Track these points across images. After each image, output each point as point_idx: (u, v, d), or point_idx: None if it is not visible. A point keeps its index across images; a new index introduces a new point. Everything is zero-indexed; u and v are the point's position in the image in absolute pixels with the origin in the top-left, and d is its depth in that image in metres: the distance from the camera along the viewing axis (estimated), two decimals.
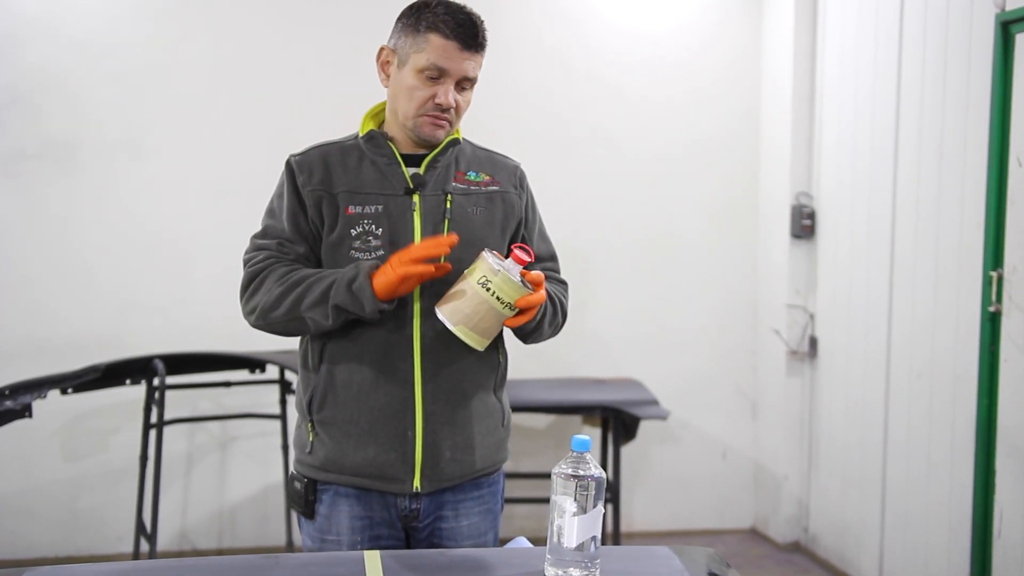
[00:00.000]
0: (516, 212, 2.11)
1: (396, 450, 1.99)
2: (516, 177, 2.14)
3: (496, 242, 2.05)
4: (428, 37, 1.92)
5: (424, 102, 1.95)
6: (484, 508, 2.11)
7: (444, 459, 2.01)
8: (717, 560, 1.82)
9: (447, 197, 2.02)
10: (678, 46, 4.72)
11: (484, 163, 2.11)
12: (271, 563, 1.77)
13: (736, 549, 4.63)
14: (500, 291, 1.84)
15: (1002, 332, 3.30)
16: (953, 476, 3.56)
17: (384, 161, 2.02)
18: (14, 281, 4.20)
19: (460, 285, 1.87)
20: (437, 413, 1.99)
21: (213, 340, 4.24)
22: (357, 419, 1.99)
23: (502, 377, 2.12)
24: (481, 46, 1.96)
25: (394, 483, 2.00)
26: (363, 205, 1.99)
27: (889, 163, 3.93)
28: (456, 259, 1.95)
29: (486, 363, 2.06)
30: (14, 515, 4.24)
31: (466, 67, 1.95)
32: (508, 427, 2.17)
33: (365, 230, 1.98)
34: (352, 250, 1.97)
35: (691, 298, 4.81)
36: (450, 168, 2.05)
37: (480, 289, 1.83)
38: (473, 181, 2.06)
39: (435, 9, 1.94)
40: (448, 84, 1.94)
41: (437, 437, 2.00)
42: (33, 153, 4.18)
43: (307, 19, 4.40)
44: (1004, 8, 3.29)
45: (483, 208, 2.05)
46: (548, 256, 2.20)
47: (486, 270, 1.84)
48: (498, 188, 2.09)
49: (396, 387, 1.98)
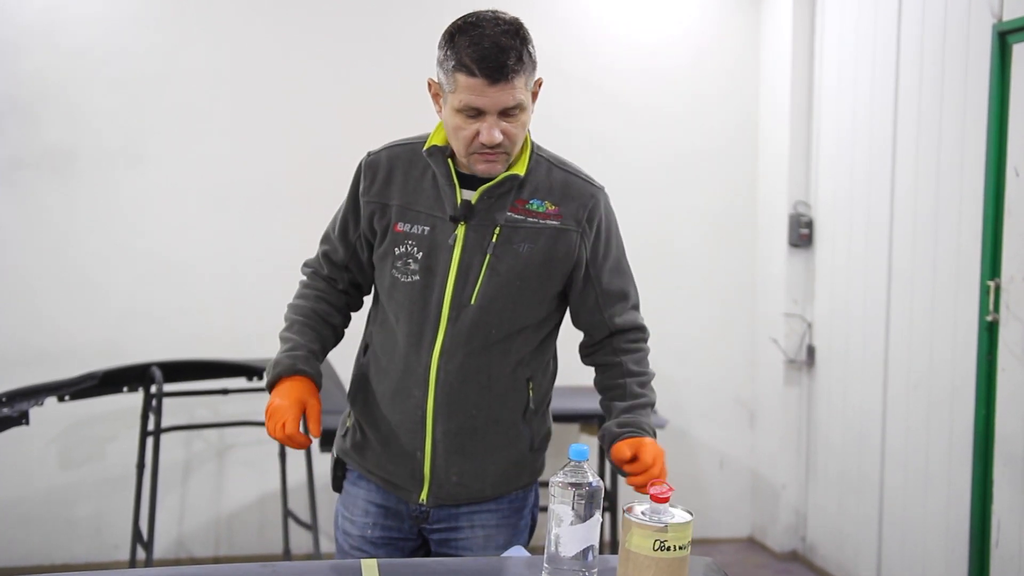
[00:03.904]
0: (572, 252, 1.95)
1: (406, 465, 2.01)
2: (587, 209, 1.97)
3: (538, 283, 1.95)
4: (456, 77, 1.80)
5: (470, 141, 1.84)
6: (504, 521, 2.07)
7: (451, 483, 2.01)
8: (715, 569, 1.81)
9: (495, 230, 1.91)
10: (676, 55, 4.73)
11: (556, 189, 1.96)
12: (268, 571, 1.77)
13: (734, 558, 4.62)
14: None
15: (999, 342, 3.30)
16: (951, 485, 3.56)
17: (443, 181, 1.93)
18: (12, 289, 4.19)
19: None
20: (447, 443, 1.99)
21: (211, 347, 4.23)
22: (378, 424, 2.04)
23: (539, 403, 2.08)
24: (515, 72, 1.78)
25: (403, 491, 2.04)
26: (412, 223, 1.94)
27: (887, 173, 3.94)
28: (490, 299, 1.92)
29: (509, 397, 2.01)
30: (10, 523, 4.22)
31: (501, 100, 1.79)
32: (541, 447, 2.12)
33: (407, 251, 1.94)
34: (393, 269, 1.96)
35: (688, 306, 4.81)
36: (509, 195, 1.92)
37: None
38: (533, 212, 1.93)
39: (460, 42, 1.79)
40: (489, 120, 1.81)
41: (445, 463, 2.00)
42: (32, 161, 4.18)
43: (306, 28, 4.40)
44: (1001, 18, 3.30)
45: (532, 245, 1.92)
46: (618, 295, 2.04)
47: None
48: (558, 224, 1.94)
49: (410, 410, 1.99)
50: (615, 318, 2.04)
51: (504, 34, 1.79)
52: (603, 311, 2.03)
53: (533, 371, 2.03)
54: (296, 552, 4.34)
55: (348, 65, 4.39)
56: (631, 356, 2.06)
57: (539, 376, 2.05)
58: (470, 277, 1.91)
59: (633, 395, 2.02)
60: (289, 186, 4.38)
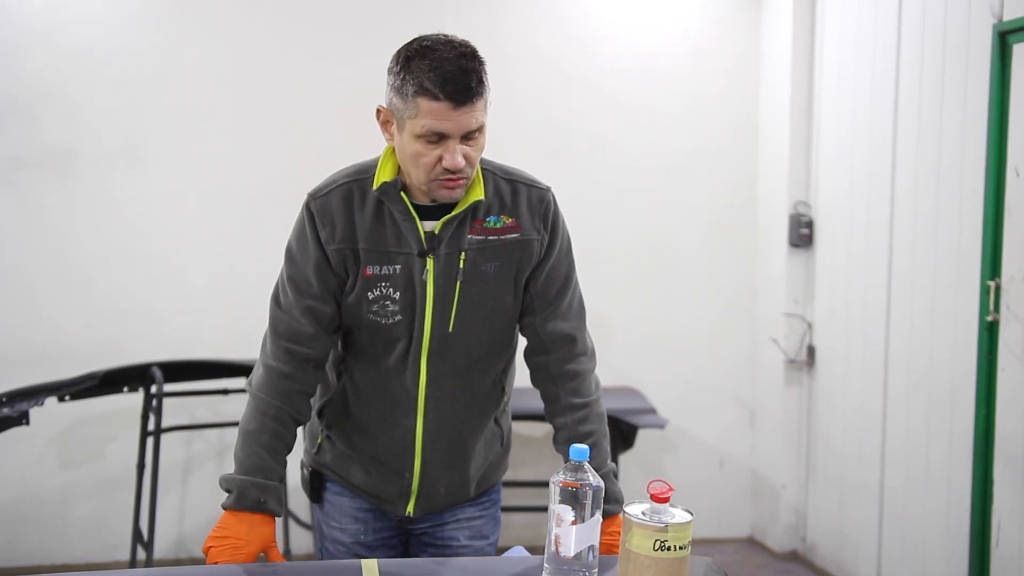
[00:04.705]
0: (535, 257, 1.95)
1: (394, 484, 2.03)
2: (540, 213, 1.95)
3: (512, 299, 1.95)
4: (417, 102, 1.73)
5: (432, 167, 1.78)
6: (484, 513, 2.13)
7: (439, 495, 2.04)
8: (715, 569, 1.81)
9: (461, 255, 1.89)
10: (676, 55, 4.73)
11: (507, 201, 1.93)
12: (268, 571, 1.77)
13: (734, 558, 4.62)
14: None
15: (1000, 342, 3.30)
16: (951, 485, 3.56)
17: (401, 217, 1.87)
18: (12, 289, 4.19)
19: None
20: (436, 460, 2.01)
21: (211, 348, 4.23)
22: (363, 448, 2.03)
23: (505, 403, 2.11)
24: (478, 94, 1.75)
25: (388, 504, 2.05)
26: (382, 265, 1.89)
27: (887, 172, 3.94)
28: (467, 323, 1.92)
29: (488, 406, 2.04)
30: (10, 523, 4.22)
31: (466, 123, 1.75)
32: (508, 443, 2.18)
33: (383, 294, 1.89)
34: (370, 314, 1.90)
35: (689, 307, 4.81)
36: (467, 219, 1.89)
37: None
38: (491, 229, 1.91)
39: (419, 65, 1.74)
40: (452, 143, 1.76)
41: (433, 478, 2.02)
42: (32, 161, 4.18)
43: (306, 28, 4.40)
44: (1002, 18, 3.30)
45: (499, 263, 1.92)
46: (551, 299, 1.97)
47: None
48: (518, 236, 1.92)
49: (399, 436, 1.99)
50: (546, 324, 1.99)
51: (463, 56, 1.75)
52: (536, 314, 1.99)
53: (506, 374, 2.07)
54: (296, 552, 4.34)
55: (348, 65, 4.39)
56: (568, 386, 2.00)
57: (510, 377, 2.09)
58: (446, 306, 1.90)
59: (578, 439, 1.96)
60: (289, 186, 4.33)
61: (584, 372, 2.01)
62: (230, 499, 1.88)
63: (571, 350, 2.00)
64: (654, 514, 1.57)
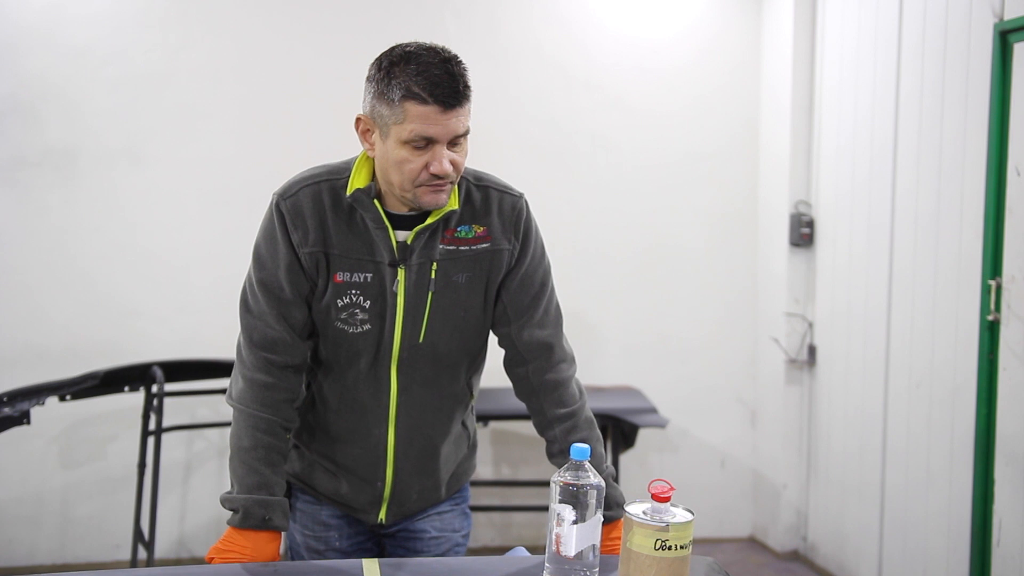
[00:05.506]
0: (505, 266, 1.93)
1: (365, 492, 2.02)
2: (512, 222, 1.93)
3: (482, 309, 1.94)
4: (405, 107, 1.71)
5: (417, 173, 1.75)
6: (455, 508, 2.14)
7: (411, 500, 2.05)
8: (716, 569, 1.81)
9: (432, 266, 1.87)
10: (678, 55, 4.73)
11: (478, 209, 1.91)
12: (269, 571, 1.77)
13: (735, 558, 4.62)
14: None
15: (1001, 341, 3.30)
16: (952, 485, 3.56)
17: (373, 225, 1.84)
18: (13, 288, 4.19)
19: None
20: (407, 468, 2.01)
21: (212, 347, 4.23)
22: (332, 456, 2.01)
23: (472, 405, 2.12)
24: (466, 97, 1.74)
25: (360, 513, 2.05)
26: (352, 272, 1.86)
27: (888, 172, 3.93)
28: (437, 333, 1.91)
29: (457, 409, 2.04)
30: (12, 522, 4.22)
31: (454, 126, 1.74)
32: (475, 442, 2.19)
33: (352, 302, 1.86)
34: (338, 322, 1.88)
35: (690, 306, 4.81)
36: (439, 229, 1.87)
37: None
38: (462, 239, 1.88)
39: (405, 70, 1.72)
40: (439, 148, 1.74)
41: (406, 486, 2.02)
42: (33, 161, 4.18)
43: (308, 27, 4.40)
44: (1003, 17, 3.30)
45: (470, 274, 1.90)
46: (524, 308, 1.95)
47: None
48: (489, 246, 1.90)
49: (371, 447, 1.98)
50: (522, 333, 1.97)
51: (447, 61, 1.74)
52: (511, 323, 1.98)
53: (474, 376, 2.06)
54: None
55: (349, 65, 4.36)
56: (552, 396, 1.99)
57: (477, 377, 2.08)
58: (416, 317, 1.89)
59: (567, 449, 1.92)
60: None
61: (565, 380, 1.99)
62: (235, 518, 1.87)
63: (549, 358, 1.99)
64: (655, 513, 1.57)
